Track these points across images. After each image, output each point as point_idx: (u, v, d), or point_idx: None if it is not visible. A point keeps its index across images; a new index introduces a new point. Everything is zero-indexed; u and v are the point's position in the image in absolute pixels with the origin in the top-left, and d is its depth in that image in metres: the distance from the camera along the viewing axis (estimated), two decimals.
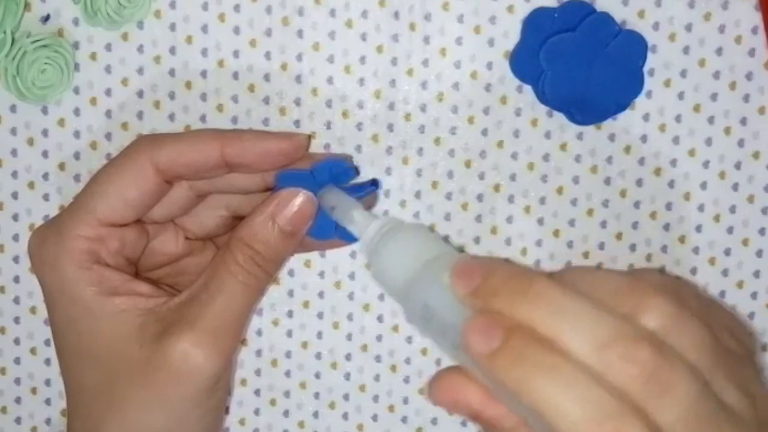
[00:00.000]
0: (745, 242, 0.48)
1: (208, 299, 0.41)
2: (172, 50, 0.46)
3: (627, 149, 0.47)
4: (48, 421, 0.49)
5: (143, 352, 0.41)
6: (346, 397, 0.49)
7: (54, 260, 0.41)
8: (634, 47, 0.45)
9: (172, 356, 0.40)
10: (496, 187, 0.47)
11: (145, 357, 0.41)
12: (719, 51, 0.46)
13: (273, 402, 0.49)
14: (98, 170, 0.42)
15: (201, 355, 0.40)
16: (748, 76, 0.46)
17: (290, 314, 0.48)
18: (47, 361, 0.49)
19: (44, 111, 0.47)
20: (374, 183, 0.44)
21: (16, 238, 0.48)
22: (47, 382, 0.49)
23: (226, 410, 0.49)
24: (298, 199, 0.42)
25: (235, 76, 0.47)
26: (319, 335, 0.49)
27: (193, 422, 0.42)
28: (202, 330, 0.40)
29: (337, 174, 0.42)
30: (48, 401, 0.49)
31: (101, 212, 0.41)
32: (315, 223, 0.42)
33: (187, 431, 0.42)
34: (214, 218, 0.45)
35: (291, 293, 0.48)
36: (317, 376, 0.49)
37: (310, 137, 0.44)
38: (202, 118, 0.47)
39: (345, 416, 0.49)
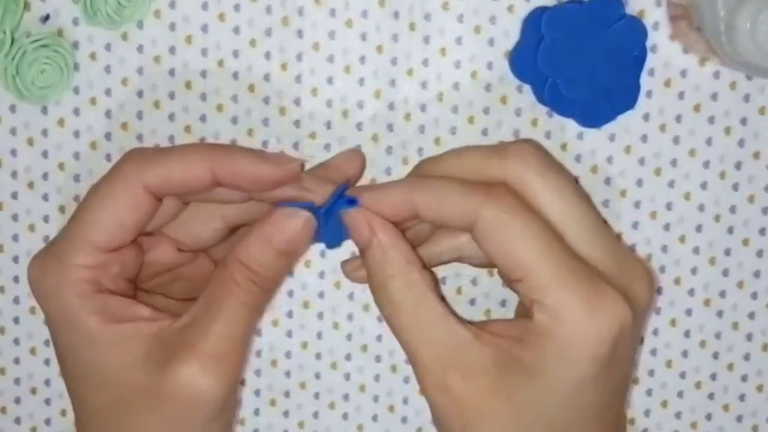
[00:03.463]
0: (745, 242, 0.48)
1: (209, 322, 0.41)
2: (172, 50, 0.46)
3: (627, 149, 0.47)
4: (48, 421, 0.49)
5: (151, 379, 0.40)
6: (346, 397, 0.49)
7: (55, 290, 0.41)
8: (634, 35, 0.45)
9: (179, 383, 0.40)
10: None
11: (152, 384, 0.40)
12: None
13: (273, 402, 0.49)
14: (88, 194, 0.42)
15: (208, 381, 0.40)
16: (749, 76, 0.46)
17: (290, 314, 0.48)
18: (47, 361, 0.49)
19: (44, 111, 0.47)
20: (351, 201, 0.42)
21: (15, 238, 0.48)
22: (47, 382, 0.49)
23: None
24: (296, 221, 0.41)
25: (235, 76, 0.47)
26: (319, 335, 0.49)
27: None
28: (207, 355, 0.40)
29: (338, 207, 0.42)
30: (48, 401, 0.49)
31: (98, 240, 0.41)
32: (326, 230, 0.42)
33: None
34: (210, 231, 0.45)
35: (291, 293, 0.48)
36: (317, 376, 0.49)
37: (303, 163, 0.44)
38: (202, 118, 0.47)
39: (345, 416, 0.49)
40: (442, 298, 0.41)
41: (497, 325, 0.41)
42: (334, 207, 0.42)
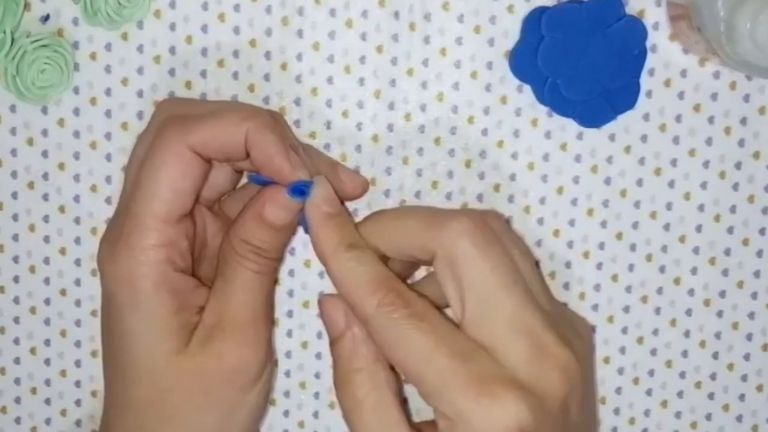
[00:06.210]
0: (745, 242, 0.48)
1: (230, 296, 0.42)
2: (172, 50, 0.46)
3: (627, 149, 0.47)
4: (48, 421, 0.49)
5: (195, 360, 0.42)
6: None
7: (129, 276, 0.41)
8: (634, 35, 0.45)
9: (222, 358, 0.42)
10: (496, 187, 0.47)
11: (197, 364, 0.42)
12: None
13: (273, 402, 0.49)
14: (136, 171, 0.42)
15: (246, 350, 0.42)
16: (749, 76, 0.46)
17: (290, 314, 0.48)
18: (47, 361, 0.49)
19: (44, 111, 0.47)
20: (302, 192, 0.42)
21: (15, 238, 0.48)
22: (47, 382, 0.49)
23: None
24: (283, 196, 0.42)
25: (235, 76, 0.47)
26: (319, 335, 0.49)
27: (242, 417, 0.43)
28: (236, 326, 0.42)
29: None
30: (48, 401, 0.49)
31: (161, 212, 0.41)
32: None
33: (235, 427, 0.43)
34: (222, 175, 0.45)
35: (291, 293, 0.48)
36: (317, 376, 0.49)
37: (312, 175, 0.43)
38: None
39: None
40: (403, 400, 0.42)
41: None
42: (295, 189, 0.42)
